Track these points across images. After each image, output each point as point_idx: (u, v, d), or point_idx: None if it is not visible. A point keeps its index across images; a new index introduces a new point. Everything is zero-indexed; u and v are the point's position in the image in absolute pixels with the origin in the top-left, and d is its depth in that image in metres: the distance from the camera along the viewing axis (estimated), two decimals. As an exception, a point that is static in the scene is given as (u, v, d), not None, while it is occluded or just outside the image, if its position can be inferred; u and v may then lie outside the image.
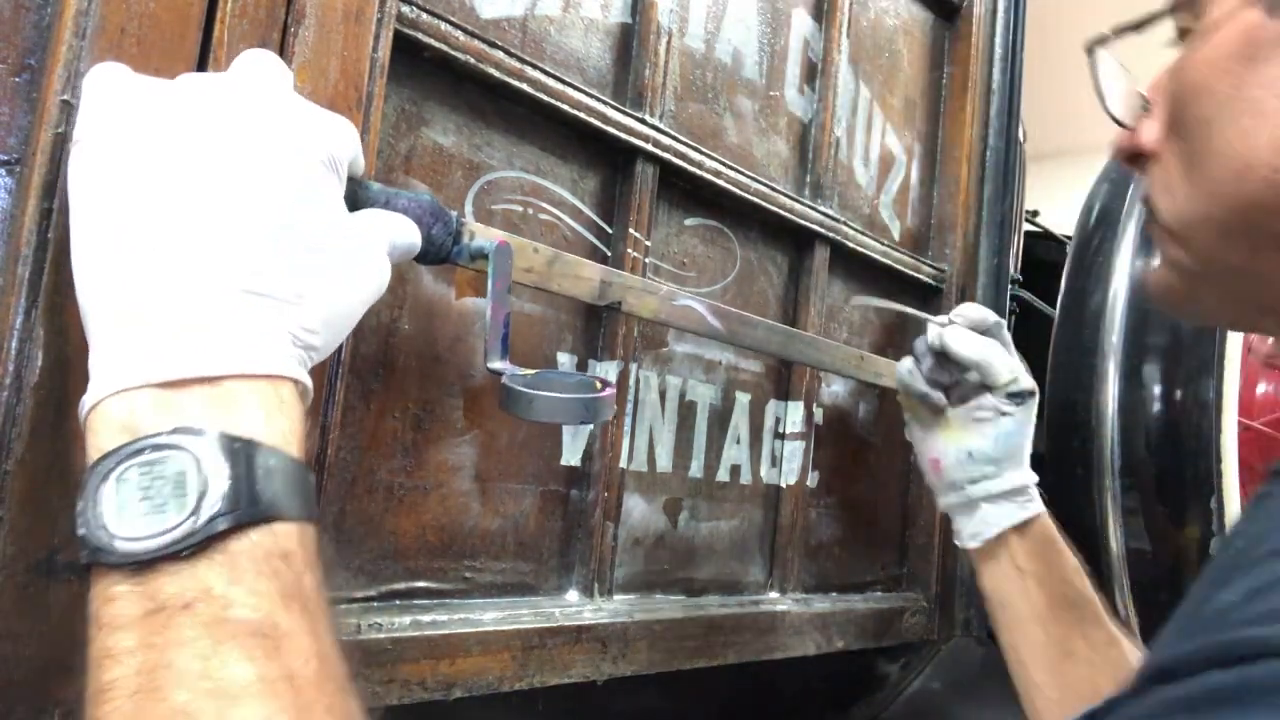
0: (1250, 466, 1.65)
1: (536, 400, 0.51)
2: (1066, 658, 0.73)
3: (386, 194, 0.48)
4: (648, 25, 0.73)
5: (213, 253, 0.36)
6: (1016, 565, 0.76)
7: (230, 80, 0.40)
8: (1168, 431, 1.20)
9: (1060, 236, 1.83)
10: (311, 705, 0.33)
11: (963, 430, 0.79)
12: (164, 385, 0.34)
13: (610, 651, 0.68)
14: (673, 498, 0.79)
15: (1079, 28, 2.39)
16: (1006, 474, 0.77)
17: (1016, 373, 0.78)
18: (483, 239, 0.53)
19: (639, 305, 0.66)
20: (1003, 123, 1.12)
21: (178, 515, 0.33)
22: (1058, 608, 0.74)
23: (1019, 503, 0.77)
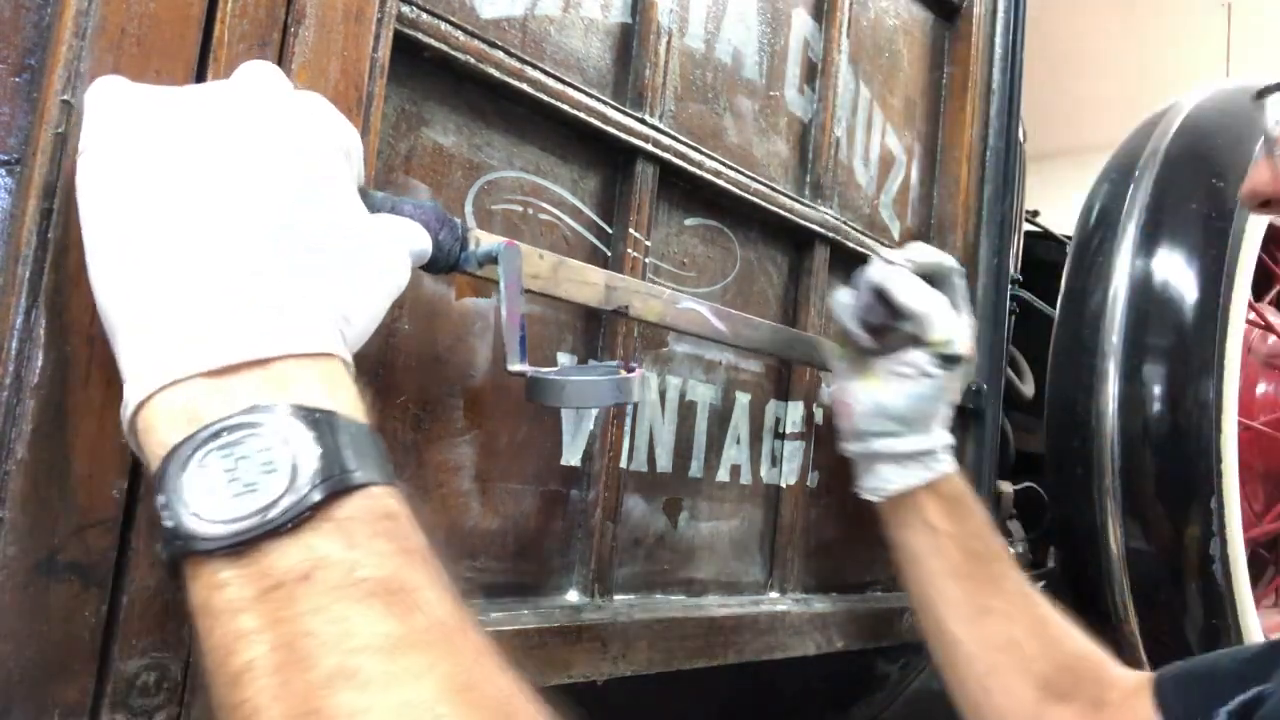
0: (1250, 466, 1.65)
1: (568, 386, 0.52)
2: (983, 613, 0.73)
3: (391, 201, 0.48)
4: (648, 25, 0.73)
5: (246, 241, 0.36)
6: (928, 523, 0.75)
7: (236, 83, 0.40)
8: (1168, 431, 1.20)
9: (1060, 236, 1.83)
10: (463, 650, 0.32)
11: (881, 382, 0.75)
12: (214, 373, 0.34)
13: (610, 651, 0.68)
14: (673, 498, 0.79)
15: (1079, 28, 2.40)
16: (911, 436, 0.74)
17: (953, 334, 0.73)
18: (488, 243, 0.52)
19: (644, 309, 0.66)
20: (1003, 123, 1.12)
21: (274, 491, 0.32)
22: (972, 564, 0.74)
23: (924, 464, 0.75)
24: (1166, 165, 1.30)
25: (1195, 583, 1.19)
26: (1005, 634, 0.72)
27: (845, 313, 0.77)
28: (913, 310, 0.72)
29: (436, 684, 0.31)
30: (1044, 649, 0.72)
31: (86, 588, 0.42)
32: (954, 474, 0.76)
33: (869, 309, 0.74)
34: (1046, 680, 0.71)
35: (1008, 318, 1.14)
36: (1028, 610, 0.73)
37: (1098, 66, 4.94)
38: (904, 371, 0.74)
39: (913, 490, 0.75)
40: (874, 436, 0.76)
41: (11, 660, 0.40)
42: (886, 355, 0.75)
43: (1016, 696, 0.71)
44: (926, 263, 0.75)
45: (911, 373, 0.74)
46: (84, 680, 0.42)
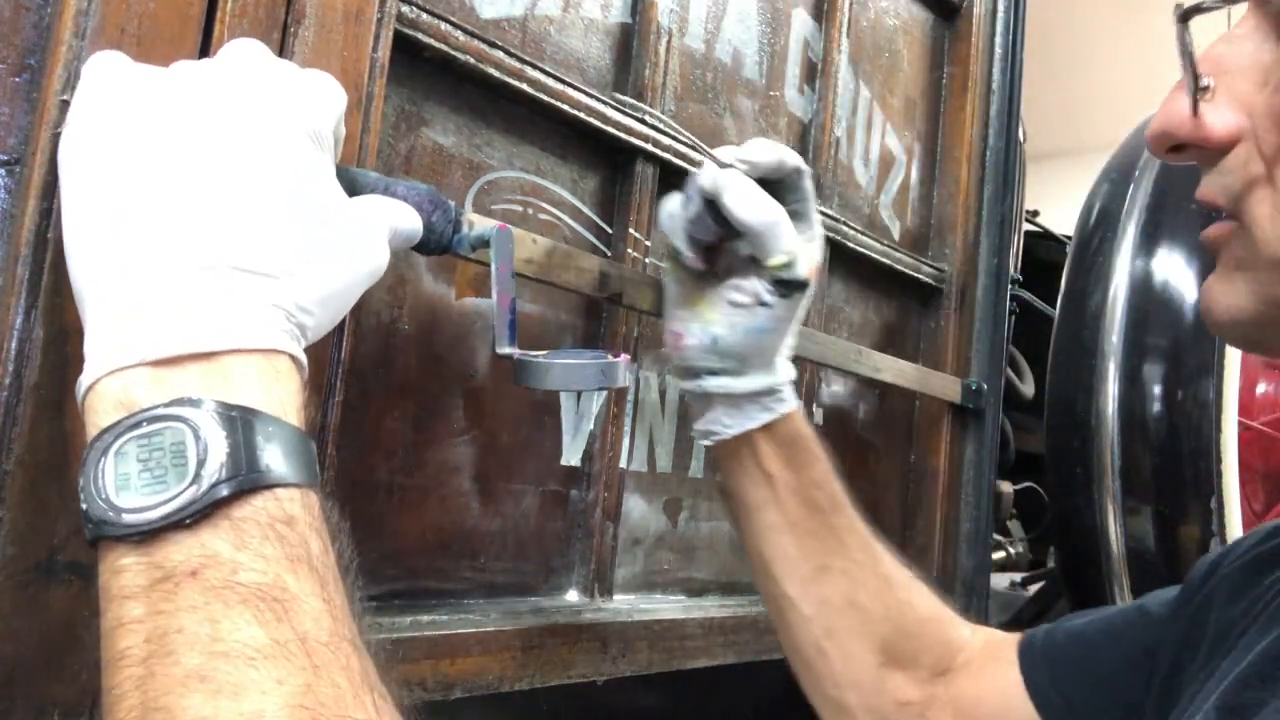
0: (1250, 466, 1.65)
1: (553, 368, 0.51)
2: (822, 571, 0.65)
3: (385, 181, 0.48)
4: (648, 25, 0.73)
5: (202, 230, 0.36)
6: (763, 469, 0.64)
7: (213, 64, 0.41)
8: (1168, 431, 1.20)
9: (1060, 236, 1.83)
10: (327, 665, 0.33)
11: (713, 310, 0.62)
12: (158, 363, 0.34)
13: (610, 651, 0.68)
14: (673, 498, 0.79)
15: (1079, 28, 2.41)
16: (751, 374, 0.63)
17: (793, 255, 0.60)
18: (482, 227, 0.52)
19: (638, 297, 0.66)
20: (1003, 123, 1.12)
21: (179, 485, 0.33)
22: (812, 517, 0.65)
23: (762, 404, 0.63)
24: (1166, 165, 1.30)
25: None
26: (845, 594, 0.65)
27: (672, 224, 0.62)
28: (748, 224, 0.58)
29: (283, 699, 0.31)
30: (887, 612, 0.65)
31: (86, 588, 0.42)
32: (795, 413, 0.65)
33: (698, 222, 0.60)
34: (888, 645, 0.65)
35: (1008, 318, 1.14)
36: (871, 569, 0.66)
37: (1098, 66, 4.94)
38: (739, 300, 0.61)
39: (748, 432, 0.64)
40: (708, 373, 0.63)
41: (11, 660, 0.40)
42: (721, 279, 0.63)
43: (856, 661, 0.65)
44: (765, 163, 0.60)
45: (748, 301, 0.61)
46: (84, 680, 0.42)
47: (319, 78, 0.43)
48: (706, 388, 0.63)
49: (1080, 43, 4.44)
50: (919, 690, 0.65)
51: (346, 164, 0.49)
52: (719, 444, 0.65)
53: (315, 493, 0.36)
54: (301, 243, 0.38)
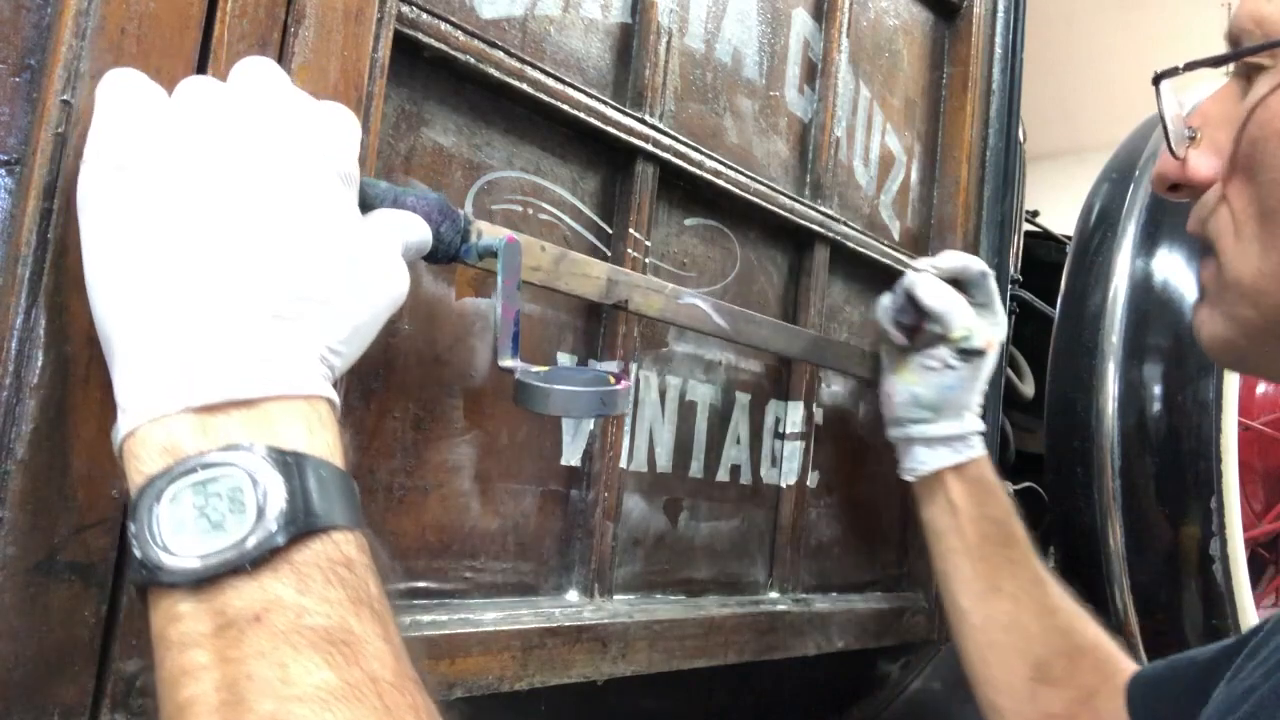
0: (1250, 466, 1.65)
1: (552, 394, 0.51)
2: (993, 591, 0.78)
3: (394, 192, 0.48)
4: (648, 25, 0.73)
5: (239, 276, 0.36)
6: (950, 502, 0.81)
7: (237, 95, 0.40)
8: (1168, 431, 1.20)
9: (1060, 236, 1.83)
10: (397, 705, 0.33)
11: (913, 374, 0.83)
12: (203, 409, 0.34)
13: (610, 651, 0.68)
14: (673, 498, 0.79)
15: (1079, 28, 2.40)
16: (943, 422, 0.82)
17: (970, 330, 0.81)
18: (490, 237, 0.52)
19: (645, 304, 0.66)
20: (1003, 123, 1.12)
21: (238, 530, 0.33)
22: (987, 545, 0.80)
23: (954, 448, 0.82)
24: (1166, 165, 1.30)
25: (1195, 583, 1.19)
26: (1010, 614, 0.77)
27: (883, 314, 0.85)
28: (933, 309, 0.80)
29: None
30: (1046, 634, 0.76)
31: (86, 588, 0.42)
32: (981, 459, 0.83)
33: (901, 310, 0.83)
34: (1042, 663, 0.75)
35: (1008, 318, 1.14)
36: (1036, 597, 0.78)
37: (1098, 66, 4.94)
38: (932, 365, 0.82)
39: (940, 471, 0.82)
40: (910, 423, 0.84)
41: (11, 660, 0.40)
42: (919, 351, 0.83)
43: (1012, 672, 0.76)
44: (951, 267, 0.83)
45: (938, 365, 0.82)
46: (84, 680, 0.42)
47: (339, 112, 0.43)
48: (910, 433, 0.84)
49: (1080, 43, 4.44)
50: (1064, 708, 0.74)
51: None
52: (919, 480, 0.83)
53: (365, 533, 0.37)
54: (332, 283, 0.38)
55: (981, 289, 0.84)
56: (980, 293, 0.84)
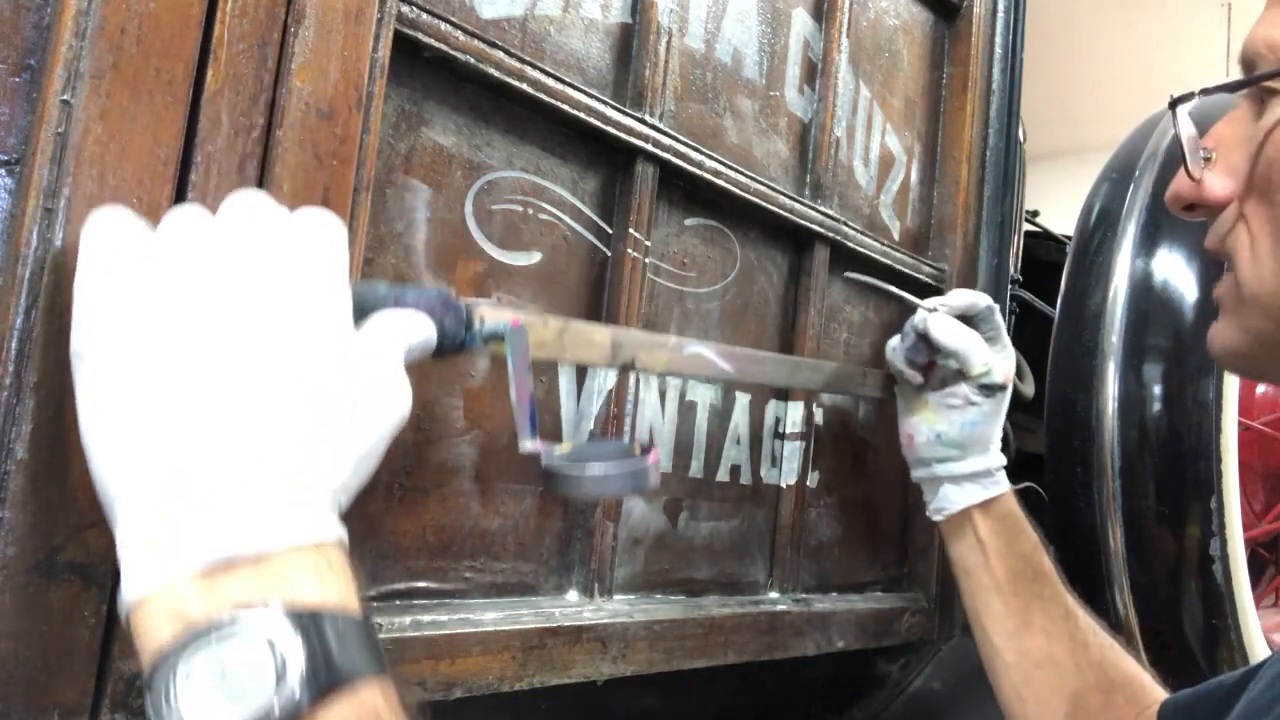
0: (1250, 466, 1.65)
1: (585, 481, 0.51)
2: (1024, 628, 0.78)
3: (394, 293, 0.47)
4: (648, 25, 0.73)
5: (238, 427, 0.36)
6: (978, 539, 0.81)
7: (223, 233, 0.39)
8: (1167, 431, 1.20)
9: (1060, 236, 1.83)
10: None
11: (935, 413, 0.83)
12: (210, 569, 0.34)
13: (610, 651, 0.68)
14: (673, 498, 0.79)
15: (1079, 28, 2.40)
16: (970, 459, 0.82)
17: (990, 366, 0.81)
18: (494, 322, 0.52)
19: (651, 361, 0.66)
20: (1003, 123, 1.12)
21: (259, 699, 0.32)
22: (1016, 581, 0.80)
23: (982, 484, 0.82)
24: (1166, 165, 1.30)
25: (1195, 583, 1.19)
26: (1043, 650, 0.77)
27: (895, 356, 0.84)
28: (952, 348, 0.80)
29: None
30: (1079, 670, 0.76)
31: (86, 588, 0.42)
32: (1007, 494, 0.82)
33: (915, 349, 0.82)
34: (1078, 699, 0.75)
35: (1008, 318, 1.14)
36: (1069, 631, 0.78)
37: (1098, 66, 4.94)
38: (953, 403, 0.82)
39: (968, 509, 0.82)
40: (936, 462, 0.83)
41: (11, 660, 0.40)
42: (937, 390, 0.83)
43: (1048, 708, 0.76)
44: (960, 305, 0.82)
45: (959, 403, 0.82)
46: (84, 680, 0.42)
47: (323, 226, 0.42)
48: (936, 472, 0.83)
49: (1080, 43, 4.44)
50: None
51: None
52: (946, 518, 0.83)
53: (388, 677, 0.36)
54: (333, 419, 0.38)
55: (989, 323, 0.83)
56: (988, 326, 0.83)
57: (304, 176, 0.50)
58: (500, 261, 0.65)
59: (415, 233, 0.60)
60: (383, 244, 0.59)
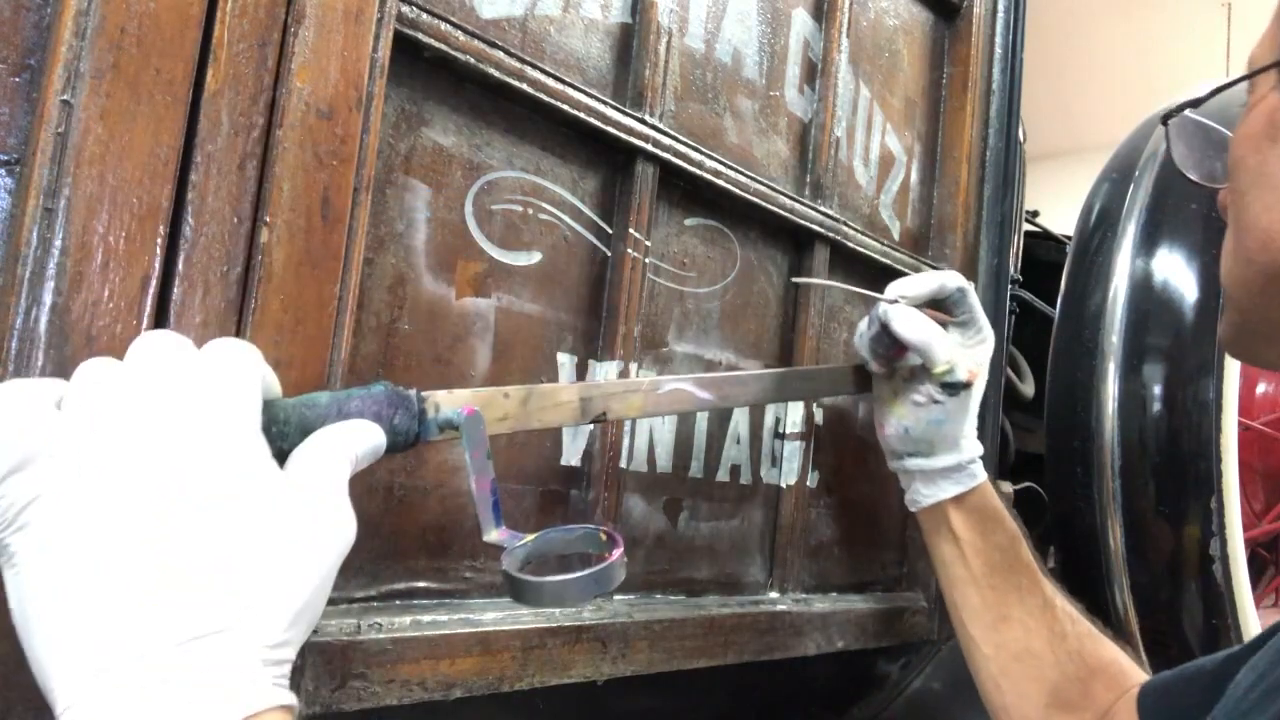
0: (1250, 466, 1.65)
1: (545, 588, 0.49)
2: (1001, 620, 0.78)
3: (337, 401, 0.46)
4: (648, 25, 0.73)
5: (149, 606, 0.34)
6: (953, 532, 0.80)
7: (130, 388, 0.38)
8: (1168, 431, 1.20)
9: (1060, 236, 1.83)
10: None
11: (903, 407, 0.80)
12: None
13: (610, 651, 0.68)
14: (673, 498, 0.79)
15: (1079, 28, 2.39)
16: (939, 455, 0.80)
17: (953, 363, 0.76)
18: (449, 409, 0.50)
19: (625, 408, 0.63)
20: (1003, 123, 1.12)
21: None
22: (993, 574, 0.79)
23: (954, 479, 0.80)
24: (1166, 165, 1.30)
25: (1195, 583, 1.19)
26: (1021, 643, 0.77)
27: (861, 343, 0.81)
28: (910, 342, 0.76)
29: None
30: (1057, 661, 0.76)
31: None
32: (982, 486, 0.81)
33: (878, 340, 0.78)
34: (1056, 689, 0.76)
35: (1008, 318, 1.14)
36: (1046, 622, 0.78)
37: (1098, 66, 4.94)
38: (918, 399, 0.79)
39: (943, 503, 0.80)
40: (907, 455, 0.82)
41: (12, 660, 0.40)
42: (907, 380, 0.80)
43: (1027, 700, 0.77)
44: (924, 293, 0.78)
45: (924, 400, 0.79)
46: (84, 680, 0.42)
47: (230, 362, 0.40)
48: (907, 466, 0.82)
49: (1080, 43, 4.43)
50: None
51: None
52: (920, 510, 0.82)
53: None
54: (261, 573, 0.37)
55: (962, 306, 0.79)
56: (961, 310, 0.79)
57: (304, 176, 0.50)
58: (500, 261, 0.65)
59: (415, 233, 0.60)
60: (383, 244, 0.59)
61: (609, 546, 0.52)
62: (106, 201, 0.42)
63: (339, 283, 0.52)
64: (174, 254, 0.45)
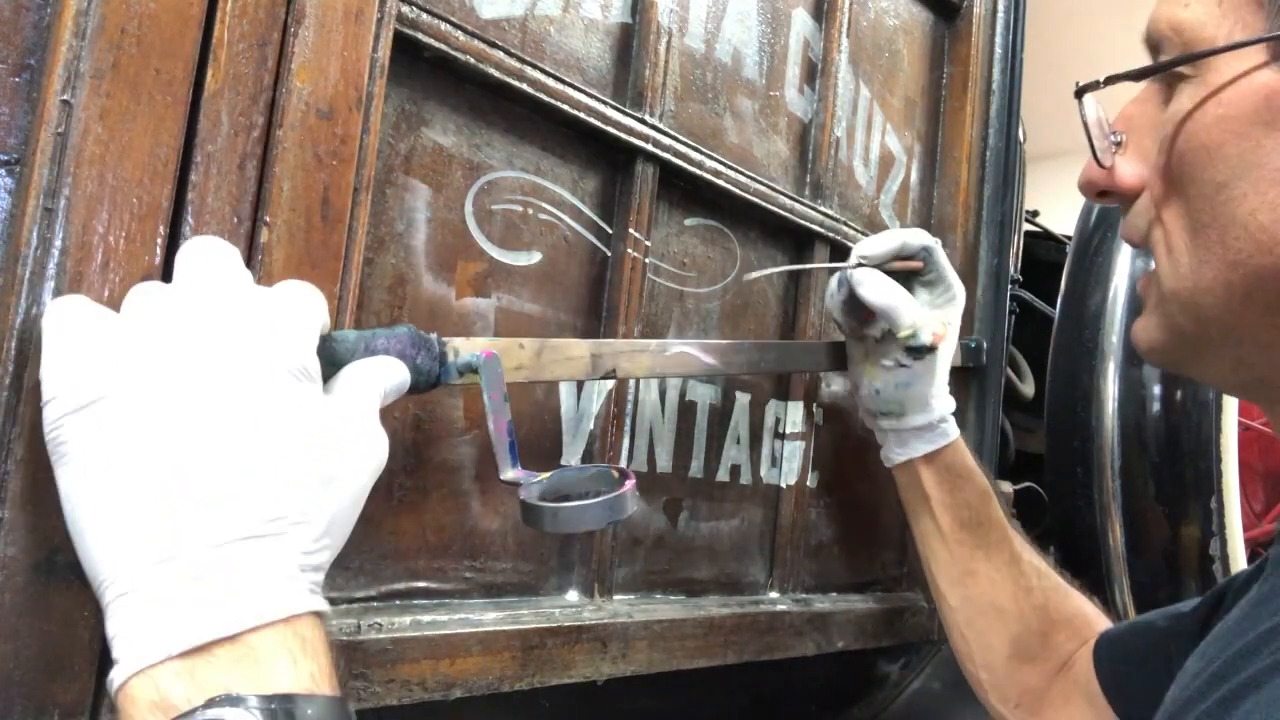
0: (1250, 466, 1.65)
1: (560, 512, 0.52)
2: (968, 575, 0.81)
3: (364, 339, 0.48)
4: (648, 25, 0.73)
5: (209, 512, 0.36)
6: (923, 489, 0.81)
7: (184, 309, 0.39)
8: (1168, 431, 1.20)
9: (1060, 236, 1.83)
10: None
11: (874, 368, 0.81)
12: (186, 654, 0.34)
13: (610, 651, 0.68)
14: (673, 498, 0.79)
15: (1079, 28, 2.40)
16: (910, 415, 0.81)
17: (917, 327, 0.77)
18: (467, 353, 0.53)
19: (633, 367, 0.66)
20: (1003, 123, 1.12)
21: None
22: (961, 530, 0.81)
23: (925, 438, 0.81)
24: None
25: (1195, 582, 1.19)
26: (986, 597, 0.80)
27: (833, 304, 0.82)
28: (878, 306, 0.76)
29: None
30: (1022, 615, 0.79)
31: (86, 588, 0.42)
32: (953, 445, 0.82)
33: (848, 303, 0.79)
34: (1019, 641, 0.78)
35: (1008, 318, 1.14)
36: (1012, 576, 0.80)
37: (1098, 66, 4.93)
38: (886, 363, 0.80)
39: (914, 460, 0.82)
40: (880, 415, 0.83)
41: (11, 660, 0.40)
42: (880, 342, 0.80)
43: (991, 651, 0.80)
44: (879, 253, 0.78)
45: (891, 364, 0.80)
46: (84, 680, 0.42)
47: (296, 297, 0.43)
48: (881, 425, 0.83)
49: (1080, 43, 4.44)
50: (1041, 679, 0.77)
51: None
52: (894, 466, 0.84)
53: None
54: (302, 486, 0.39)
55: (929, 264, 0.80)
56: (928, 268, 0.80)
57: (304, 176, 0.50)
58: (500, 261, 0.65)
59: (415, 233, 0.60)
60: (383, 244, 0.59)
61: (621, 482, 0.55)
62: (106, 201, 0.42)
63: (339, 283, 0.52)
64: (174, 254, 0.45)
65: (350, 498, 0.41)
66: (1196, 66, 0.46)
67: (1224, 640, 0.44)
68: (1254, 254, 0.44)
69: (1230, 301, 0.46)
